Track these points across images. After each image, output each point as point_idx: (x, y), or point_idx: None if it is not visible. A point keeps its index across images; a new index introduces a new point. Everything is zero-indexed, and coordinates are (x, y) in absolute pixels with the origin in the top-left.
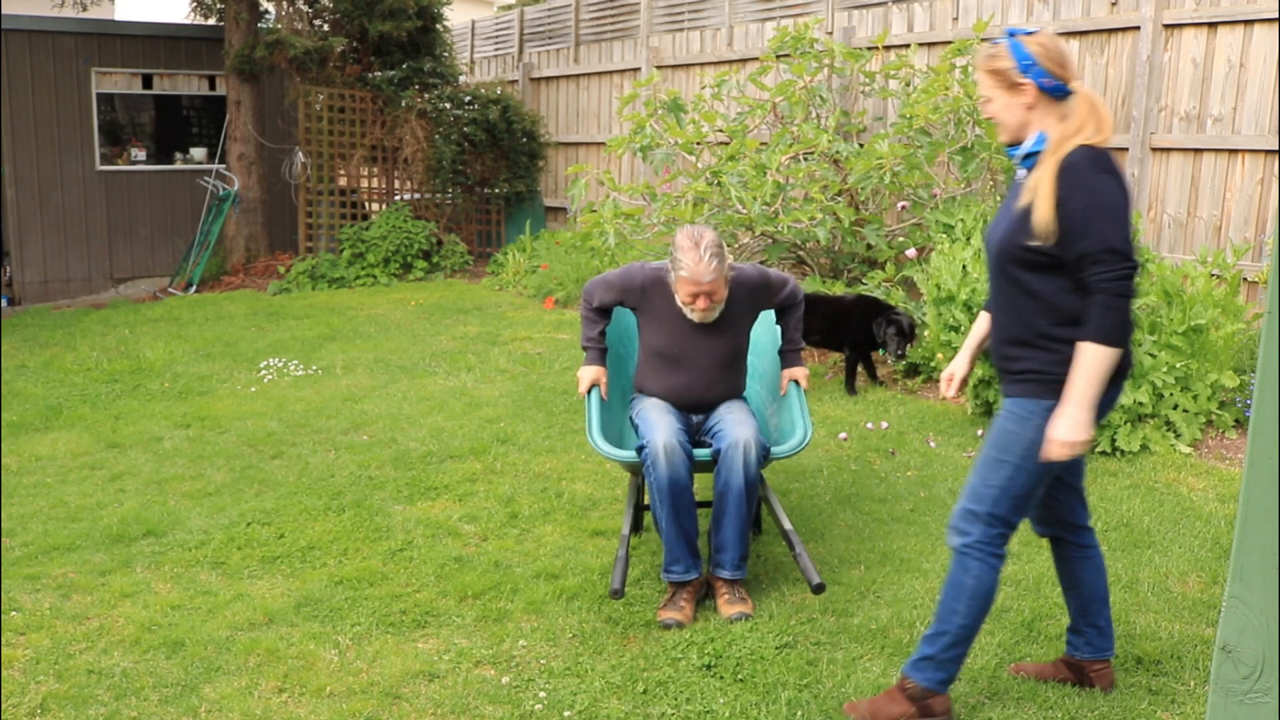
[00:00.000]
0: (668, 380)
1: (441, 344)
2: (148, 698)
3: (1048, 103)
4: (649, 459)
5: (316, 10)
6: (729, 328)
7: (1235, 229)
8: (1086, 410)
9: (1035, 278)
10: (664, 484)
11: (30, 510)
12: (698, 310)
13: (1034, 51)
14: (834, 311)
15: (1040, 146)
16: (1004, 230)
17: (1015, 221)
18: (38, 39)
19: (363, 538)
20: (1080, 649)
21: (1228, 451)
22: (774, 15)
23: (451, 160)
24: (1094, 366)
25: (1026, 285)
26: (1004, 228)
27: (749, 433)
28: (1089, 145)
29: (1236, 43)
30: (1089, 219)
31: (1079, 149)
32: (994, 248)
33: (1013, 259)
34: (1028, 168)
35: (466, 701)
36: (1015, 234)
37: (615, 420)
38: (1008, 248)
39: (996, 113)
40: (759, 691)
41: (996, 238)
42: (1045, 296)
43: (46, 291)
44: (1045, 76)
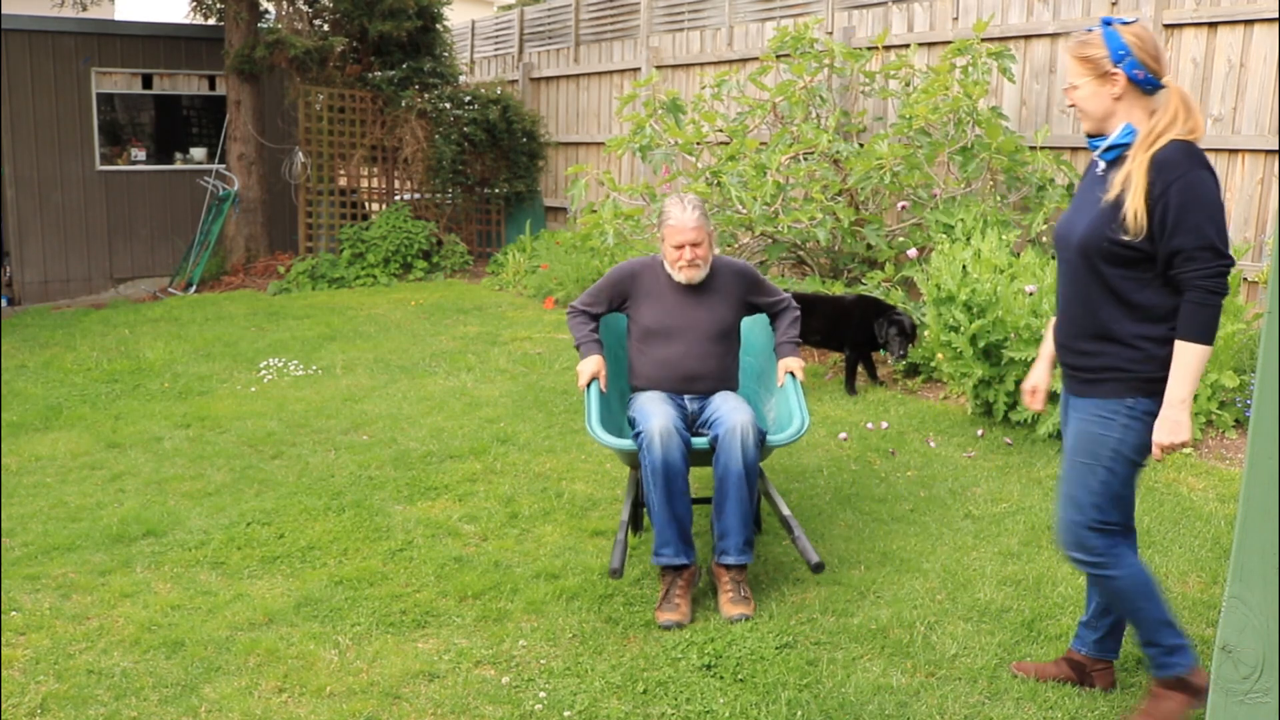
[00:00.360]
0: (661, 353)
1: (441, 344)
2: (148, 698)
3: (1136, 95)
4: (644, 442)
5: (316, 10)
6: (716, 303)
7: (1235, 229)
8: (1186, 411)
9: (1120, 273)
10: (658, 466)
11: (30, 510)
12: (685, 265)
13: (1129, 42)
14: (834, 311)
15: (1128, 139)
16: (1088, 224)
17: (1102, 215)
18: (38, 39)
19: (363, 538)
20: (1087, 645)
21: (1228, 451)
22: (774, 15)
23: (451, 160)
24: (1191, 365)
25: (1110, 281)
26: (1088, 221)
27: (745, 418)
28: (1183, 140)
29: (1236, 43)
30: (1184, 214)
31: (1173, 143)
32: (1075, 242)
33: (1099, 253)
34: (1108, 160)
35: (466, 701)
36: (1102, 227)
37: (615, 419)
38: (1094, 241)
39: (1081, 100)
40: (759, 691)
41: (1079, 231)
42: (1128, 293)
43: (46, 291)
44: (1138, 68)
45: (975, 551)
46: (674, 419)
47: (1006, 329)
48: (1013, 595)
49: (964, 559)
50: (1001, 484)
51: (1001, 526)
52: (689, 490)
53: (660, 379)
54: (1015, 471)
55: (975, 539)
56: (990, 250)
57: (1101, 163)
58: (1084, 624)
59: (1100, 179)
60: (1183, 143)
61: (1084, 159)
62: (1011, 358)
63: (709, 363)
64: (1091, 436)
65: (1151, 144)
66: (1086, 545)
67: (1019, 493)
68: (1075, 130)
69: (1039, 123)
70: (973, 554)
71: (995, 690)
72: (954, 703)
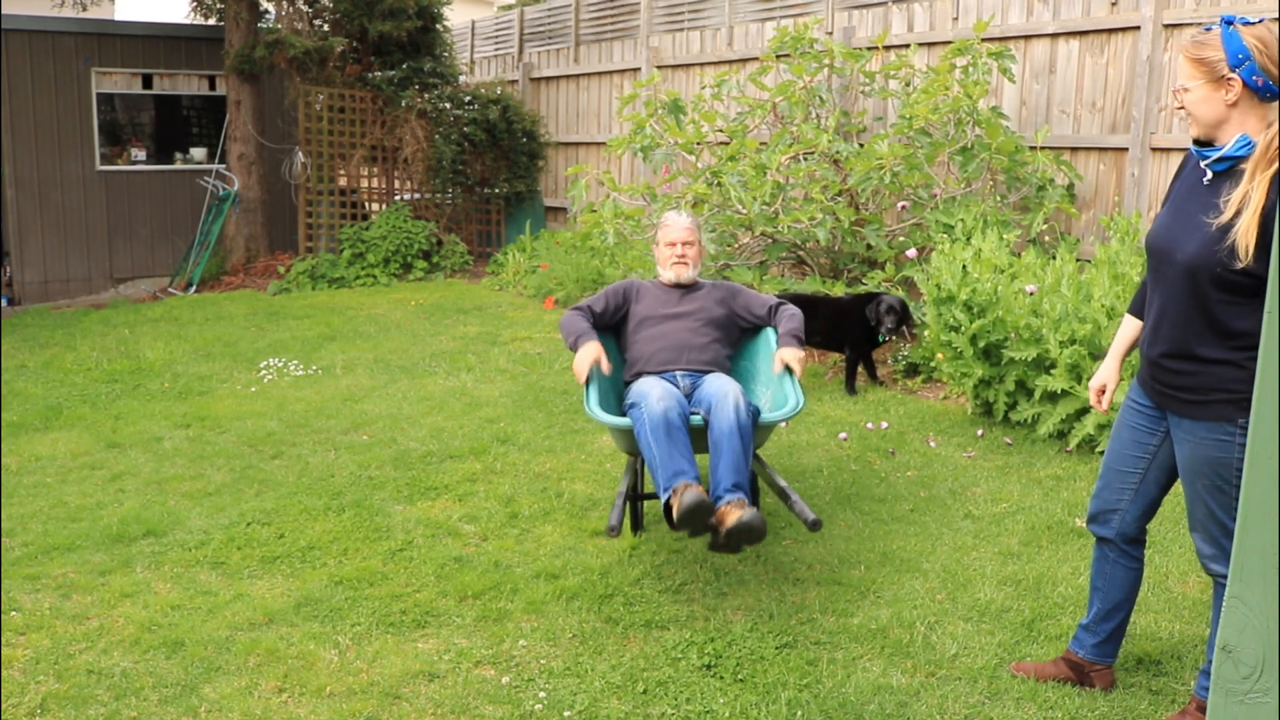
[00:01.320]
0: (656, 330)
1: (441, 344)
2: (147, 698)
3: (1253, 102)
4: (643, 409)
5: (316, 10)
6: (703, 299)
7: None
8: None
9: (1228, 298)
10: (658, 421)
11: (30, 510)
12: (676, 261)
13: (1250, 45)
14: (834, 311)
15: (1243, 152)
16: (1199, 245)
17: (1215, 237)
18: (38, 39)
19: (363, 538)
20: (1086, 649)
21: None
22: (774, 15)
23: (451, 160)
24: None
25: (1213, 307)
26: (1199, 242)
27: (736, 388)
28: None
29: None
30: None
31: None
32: (1182, 261)
33: (1211, 278)
34: (1218, 171)
35: (466, 701)
36: (1218, 253)
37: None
38: (1205, 265)
39: (1192, 104)
40: (759, 691)
41: (1188, 252)
42: (1230, 320)
43: (46, 291)
44: (1258, 74)
45: (975, 551)
46: (672, 392)
47: (1007, 329)
48: (1013, 595)
49: (964, 559)
50: (1002, 484)
51: (1001, 526)
52: (689, 441)
53: (655, 353)
54: (1015, 471)
55: (975, 539)
56: (990, 250)
57: (1210, 172)
58: (1084, 627)
59: (1207, 190)
60: None
61: (1083, 159)
62: (1012, 358)
63: (700, 338)
64: (1213, 461)
65: (1272, 160)
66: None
67: (1019, 493)
68: (1075, 130)
69: (1039, 123)
70: (973, 554)
71: (995, 690)
72: (954, 703)
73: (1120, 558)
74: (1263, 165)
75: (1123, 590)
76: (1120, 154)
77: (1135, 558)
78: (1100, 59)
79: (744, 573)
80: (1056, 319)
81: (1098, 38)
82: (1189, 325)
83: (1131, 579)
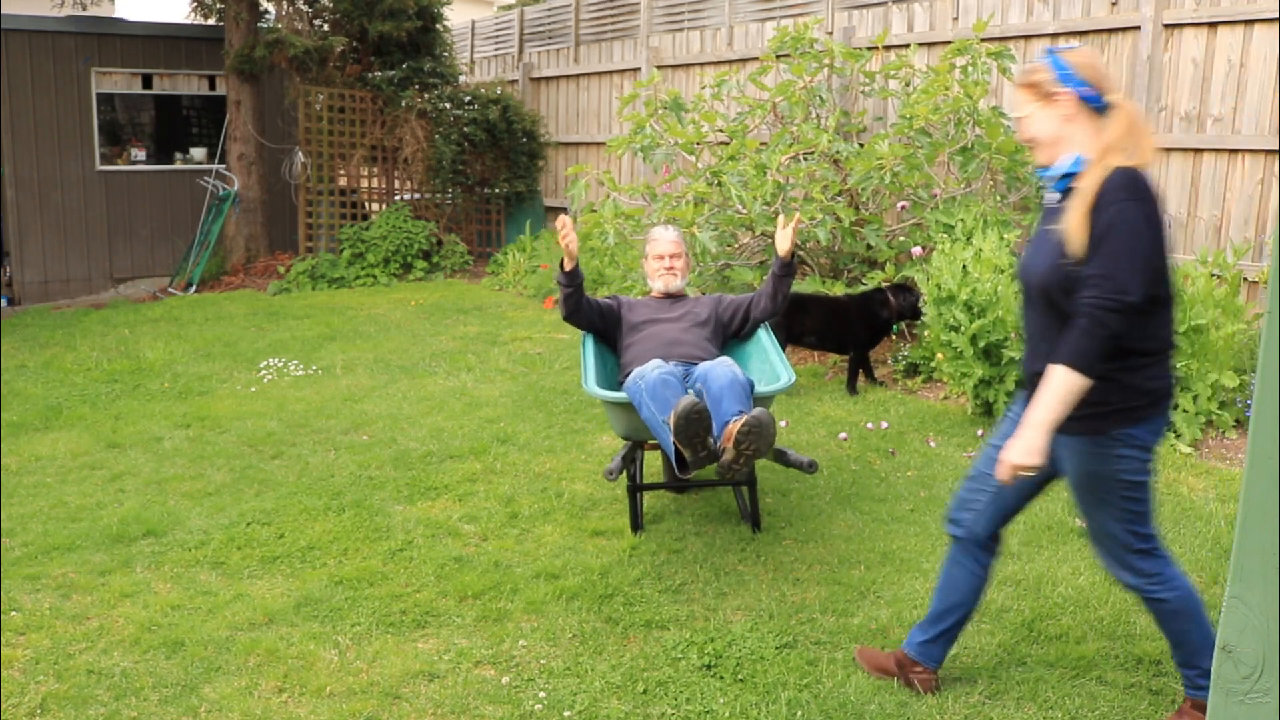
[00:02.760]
0: (650, 330)
1: (441, 344)
2: (147, 698)
3: (1086, 117)
4: (639, 382)
5: (316, 10)
6: (693, 305)
7: (1236, 229)
8: (1044, 435)
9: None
10: (654, 381)
11: (30, 510)
12: (664, 272)
13: (1073, 62)
14: (836, 312)
15: (1077, 168)
16: (1045, 259)
17: (1056, 249)
18: (37, 39)
19: (363, 538)
20: (912, 646)
21: (1228, 452)
22: (774, 15)
23: (451, 160)
24: (1059, 392)
25: (1069, 313)
26: (1044, 257)
27: (730, 360)
28: (1126, 167)
29: (1237, 42)
30: (1103, 243)
31: (1116, 171)
32: (1035, 279)
33: (1057, 284)
34: (1060, 190)
35: (466, 702)
36: (1057, 257)
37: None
38: (1057, 281)
39: (1031, 128)
40: (759, 692)
41: (1039, 270)
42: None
43: (46, 291)
44: (1084, 85)
45: None
46: (667, 366)
47: (1007, 329)
48: (1012, 595)
49: None
50: None
51: None
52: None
53: (649, 350)
54: None
55: None
56: (991, 250)
57: (1054, 194)
58: (918, 624)
59: (1055, 214)
60: (1124, 171)
61: None
62: (1012, 357)
63: (691, 335)
64: (1095, 474)
65: (1097, 171)
66: (1135, 568)
67: None
68: None
69: None
70: None
71: (995, 690)
72: (954, 703)
73: (965, 559)
74: (1088, 175)
75: (960, 593)
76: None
77: (981, 564)
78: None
79: (744, 573)
80: None
81: (1098, 37)
82: (1055, 339)
83: (972, 584)
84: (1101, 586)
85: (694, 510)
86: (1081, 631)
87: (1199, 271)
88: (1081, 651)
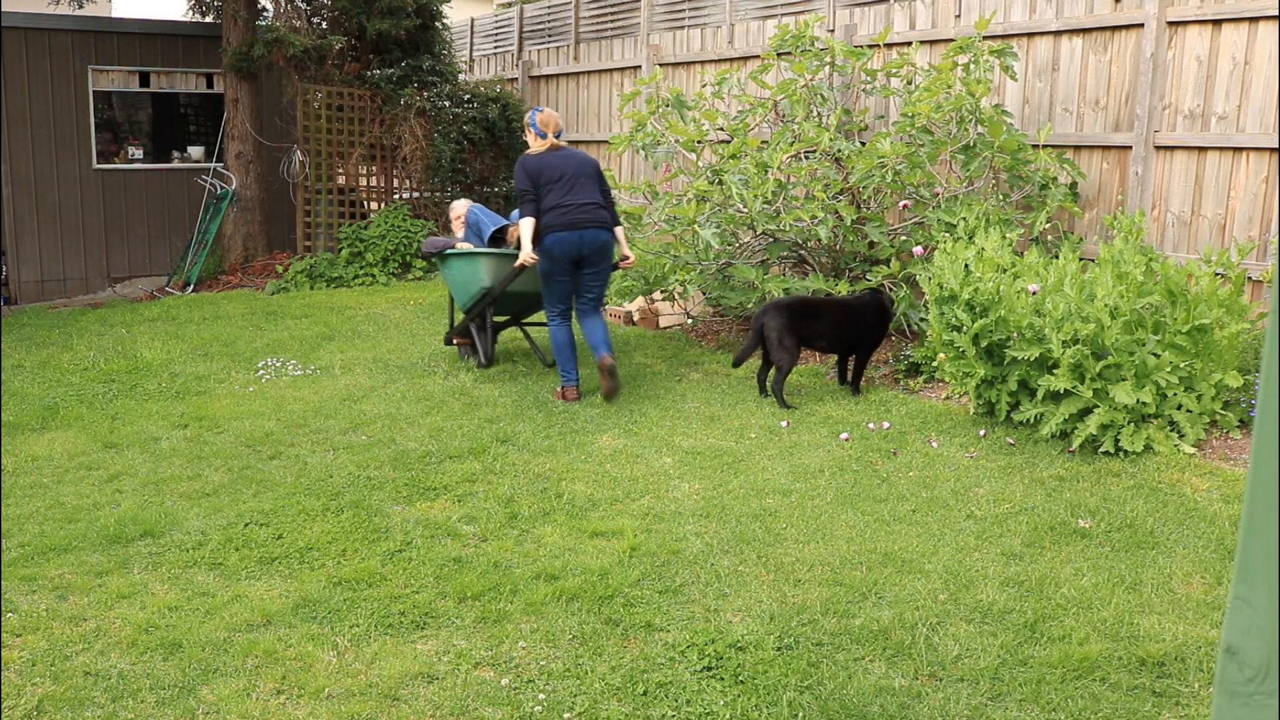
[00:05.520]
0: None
1: (441, 343)
2: (145, 699)
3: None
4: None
5: (315, 8)
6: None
7: (1240, 228)
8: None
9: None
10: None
11: (27, 511)
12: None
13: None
14: (852, 314)
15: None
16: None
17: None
18: (34, 36)
19: (361, 538)
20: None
21: (1232, 452)
22: (775, 13)
23: (451, 159)
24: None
25: None
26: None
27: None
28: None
29: (1241, 40)
30: None
31: None
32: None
33: None
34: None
35: (466, 703)
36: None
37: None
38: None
39: None
40: (760, 693)
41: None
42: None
43: (43, 291)
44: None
45: (977, 552)
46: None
47: (1009, 328)
48: (1015, 596)
49: (966, 560)
50: (1004, 484)
51: (1004, 527)
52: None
53: (558, 210)
54: (1018, 472)
55: (977, 540)
56: (993, 249)
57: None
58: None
59: None
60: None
61: (1086, 158)
62: (1014, 357)
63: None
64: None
65: None
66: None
67: (1021, 493)
68: (1078, 128)
69: (1041, 121)
70: (975, 555)
71: (998, 692)
72: (956, 704)
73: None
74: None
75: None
76: (1124, 152)
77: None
78: (1104, 56)
79: (744, 574)
80: (1059, 318)
81: (1101, 35)
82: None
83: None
84: (1104, 587)
85: (694, 510)
86: (1084, 633)
87: (1203, 271)
88: (1084, 653)
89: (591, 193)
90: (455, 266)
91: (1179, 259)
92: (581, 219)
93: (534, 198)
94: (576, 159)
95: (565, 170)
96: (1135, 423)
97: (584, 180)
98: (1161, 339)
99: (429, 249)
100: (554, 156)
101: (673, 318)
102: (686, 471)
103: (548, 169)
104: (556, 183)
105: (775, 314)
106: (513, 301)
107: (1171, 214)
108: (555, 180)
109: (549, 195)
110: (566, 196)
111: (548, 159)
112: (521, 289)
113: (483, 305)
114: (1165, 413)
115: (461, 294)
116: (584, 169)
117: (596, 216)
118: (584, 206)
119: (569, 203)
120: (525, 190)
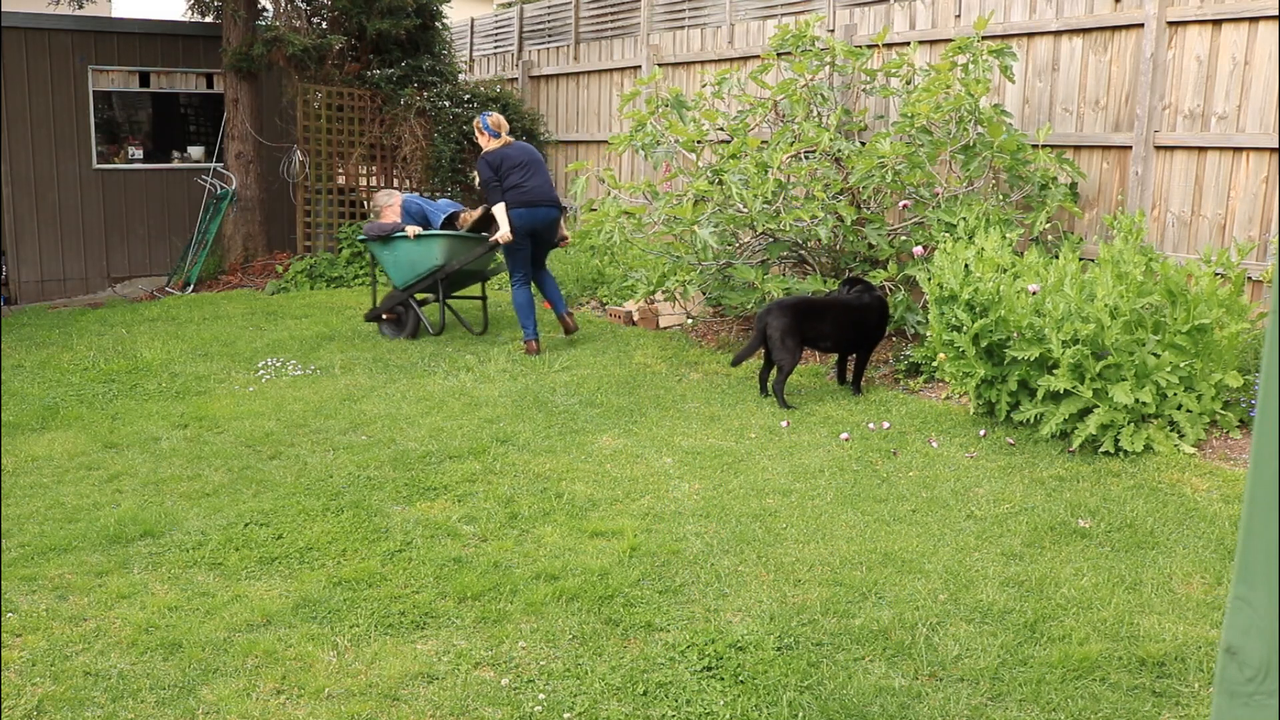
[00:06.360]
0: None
1: (441, 343)
2: (145, 699)
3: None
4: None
5: (315, 8)
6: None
7: (1240, 228)
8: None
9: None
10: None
11: (27, 511)
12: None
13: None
14: (856, 314)
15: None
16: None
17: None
18: (34, 36)
19: (361, 538)
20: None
21: (1232, 452)
22: (775, 13)
23: (450, 159)
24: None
25: None
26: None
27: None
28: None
29: (1241, 40)
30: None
31: None
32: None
33: None
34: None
35: (466, 703)
36: None
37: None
38: None
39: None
40: (760, 693)
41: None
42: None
43: (43, 291)
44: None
45: (977, 552)
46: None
47: (1009, 328)
48: (1015, 596)
49: (966, 560)
50: (1004, 484)
51: (1004, 527)
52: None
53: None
54: (1018, 472)
55: (978, 540)
56: (993, 249)
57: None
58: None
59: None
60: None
61: (1086, 158)
62: (1014, 357)
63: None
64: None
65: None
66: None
67: (1022, 493)
68: (1078, 128)
69: (1041, 121)
70: (975, 555)
71: (998, 692)
72: (956, 704)
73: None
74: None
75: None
76: (1124, 152)
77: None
78: (1103, 56)
79: (744, 574)
80: (1059, 318)
81: (1101, 35)
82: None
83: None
84: (1104, 587)
85: (694, 510)
86: (1084, 633)
87: (1203, 271)
88: (1084, 653)
89: (544, 177)
90: (402, 248)
91: (1179, 259)
92: (538, 198)
93: (499, 185)
94: (528, 150)
95: (521, 159)
96: (1135, 423)
97: (537, 166)
98: (1161, 339)
99: (375, 232)
100: (509, 149)
101: (673, 318)
102: (686, 471)
103: (507, 159)
104: (515, 169)
105: (778, 314)
106: (462, 277)
107: (1171, 214)
108: (515, 166)
109: (509, 178)
110: (525, 180)
111: (505, 151)
112: (469, 268)
113: (429, 281)
114: (1165, 413)
115: (406, 273)
116: (535, 157)
117: (550, 197)
118: (539, 188)
119: (527, 184)
120: (491, 179)
